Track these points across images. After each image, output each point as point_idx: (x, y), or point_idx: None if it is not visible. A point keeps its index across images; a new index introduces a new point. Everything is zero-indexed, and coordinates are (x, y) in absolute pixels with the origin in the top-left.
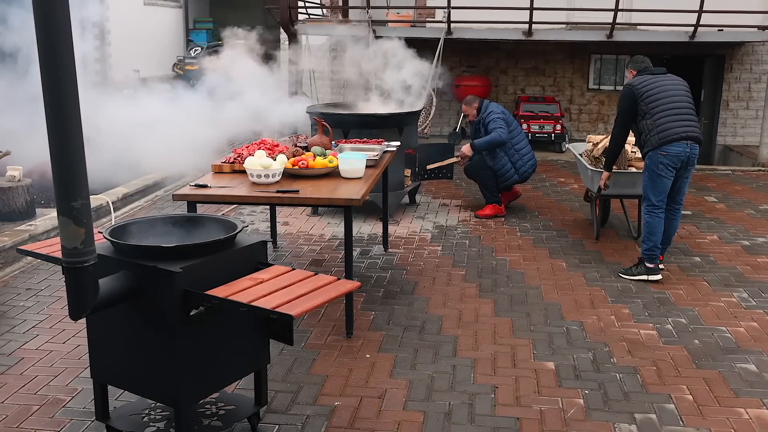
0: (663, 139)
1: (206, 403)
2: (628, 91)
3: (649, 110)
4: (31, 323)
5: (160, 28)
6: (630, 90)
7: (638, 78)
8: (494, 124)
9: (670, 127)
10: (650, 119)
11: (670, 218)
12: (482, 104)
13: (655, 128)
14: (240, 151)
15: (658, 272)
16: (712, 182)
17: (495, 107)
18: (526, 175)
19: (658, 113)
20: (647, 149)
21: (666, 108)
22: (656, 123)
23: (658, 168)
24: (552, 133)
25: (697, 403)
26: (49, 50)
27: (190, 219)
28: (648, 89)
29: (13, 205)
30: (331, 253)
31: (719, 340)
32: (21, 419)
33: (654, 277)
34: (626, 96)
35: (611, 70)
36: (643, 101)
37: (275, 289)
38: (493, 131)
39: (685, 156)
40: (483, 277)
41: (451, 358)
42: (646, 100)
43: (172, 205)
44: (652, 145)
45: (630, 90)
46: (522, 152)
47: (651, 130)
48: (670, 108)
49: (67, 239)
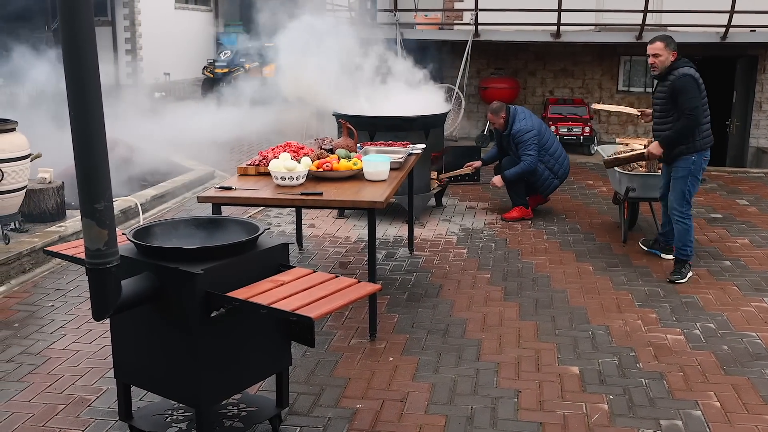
0: (707, 144)
1: (228, 405)
2: (692, 82)
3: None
4: (59, 323)
5: (190, 31)
6: (695, 81)
7: (693, 69)
8: (526, 148)
9: (709, 131)
10: (702, 122)
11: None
12: (510, 114)
13: (702, 131)
14: (265, 153)
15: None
16: (744, 185)
17: (525, 120)
18: (564, 176)
19: (706, 116)
20: (689, 152)
21: (707, 111)
22: (703, 125)
23: (700, 173)
24: (581, 136)
25: (725, 410)
26: (73, 54)
27: (213, 221)
28: (702, 86)
29: (43, 206)
30: (356, 255)
31: (749, 346)
32: (47, 418)
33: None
34: (693, 86)
35: (641, 72)
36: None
37: (296, 291)
38: (524, 157)
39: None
40: (508, 280)
41: (474, 361)
42: (703, 99)
43: (200, 207)
44: (696, 148)
45: (695, 81)
46: (556, 155)
47: (700, 131)
48: (708, 111)
49: (90, 241)
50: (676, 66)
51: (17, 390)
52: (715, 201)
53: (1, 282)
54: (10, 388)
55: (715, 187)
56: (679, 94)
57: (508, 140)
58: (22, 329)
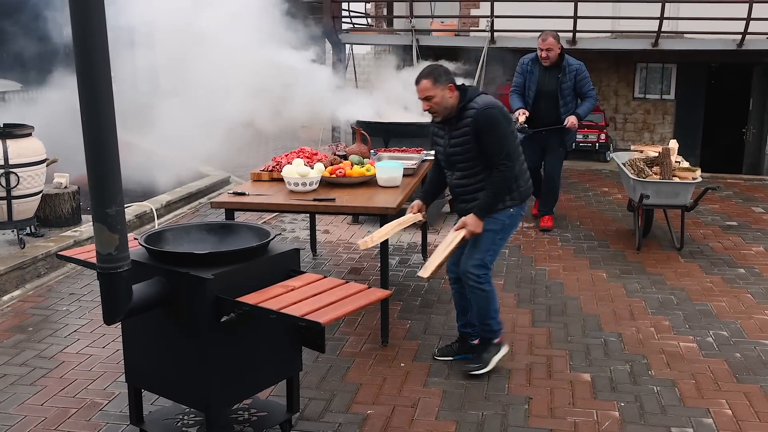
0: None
1: (239, 409)
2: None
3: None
4: (72, 327)
5: None
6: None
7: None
8: (589, 84)
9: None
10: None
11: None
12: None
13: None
14: (279, 159)
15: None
16: (760, 193)
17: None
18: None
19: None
20: (512, 203)
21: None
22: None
23: (513, 230)
24: (596, 143)
25: (737, 418)
26: (85, 59)
27: (225, 226)
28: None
29: (59, 211)
30: (370, 261)
31: (761, 354)
32: (59, 422)
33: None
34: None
35: (657, 79)
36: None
37: (306, 296)
38: (591, 92)
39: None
40: (521, 287)
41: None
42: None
43: (215, 212)
44: (521, 197)
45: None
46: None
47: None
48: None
49: (101, 245)
50: (472, 97)
51: (30, 393)
52: (731, 208)
53: (17, 286)
54: (23, 392)
55: (730, 195)
56: (484, 133)
57: (553, 78)
58: (36, 333)
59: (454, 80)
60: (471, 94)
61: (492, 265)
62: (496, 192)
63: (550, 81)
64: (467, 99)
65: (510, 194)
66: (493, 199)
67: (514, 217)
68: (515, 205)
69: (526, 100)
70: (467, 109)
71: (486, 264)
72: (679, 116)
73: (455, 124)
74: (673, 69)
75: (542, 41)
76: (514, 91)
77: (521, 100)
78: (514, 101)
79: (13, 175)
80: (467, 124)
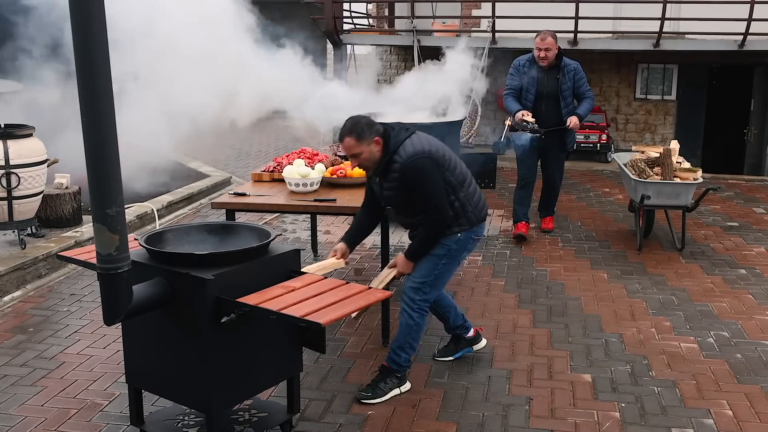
0: (483, 215)
1: (239, 410)
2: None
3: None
4: (73, 328)
5: None
6: (432, 160)
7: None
8: (586, 85)
9: (481, 196)
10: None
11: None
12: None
13: (471, 199)
14: (280, 159)
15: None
16: (761, 193)
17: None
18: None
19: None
20: (459, 229)
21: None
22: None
23: (462, 255)
24: (597, 143)
25: (737, 419)
26: (85, 59)
27: (225, 227)
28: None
29: (60, 212)
30: (371, 262)
31: (762, 355)
32: (59, 422)
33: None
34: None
35: (658, 80)
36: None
37: (306, 297)
38: (588, 93)
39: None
40: (522, 287)
41: (486, 368)
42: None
43: (217, 213)
44: (469, 222)
45: (432, 160)
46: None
47: (465, 205)
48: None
49: (101, 246)
50: (396, 146)
51: (30, 394)
52: (732, 209)
53: (18, 286)
54: (24, 392)
55: (732, 195)
56: (412, 188)
57: (552, 79)
58: (37, 333)
59: (380, 129)
60: (394, 143)
61: (432, 292)
62: (425, 241)
63: (550, 82)
64: (391, 151)
65: (457, 221)
66: (424, 247)
67: (462, 242)
68: (464, 231)
69: (524, 103)
70: (392, 162)
71: (424, 288)
72: (680, 117)
73: (385, 175)
74: (674, 70)
75: (541, 41)
76: (509, 94)
77: (518, 102)
78: (510, 104)
79: (14, 175)
80: (395, 179)
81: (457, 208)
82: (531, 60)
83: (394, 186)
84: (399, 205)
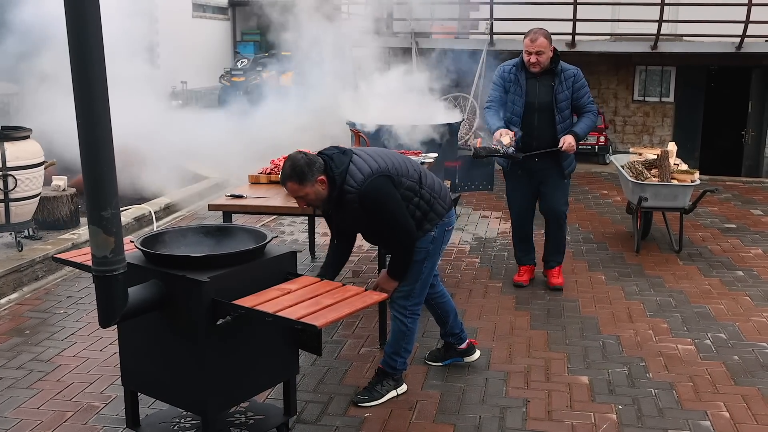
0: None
1: (236, 413)
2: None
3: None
4: (70, 330)
5: (208, 40)
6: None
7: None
8: (588, 96)
9: (446, 190)
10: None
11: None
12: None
13: (435, 194)
14: (277, 161)
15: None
16: (758, 195)
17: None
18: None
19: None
20: (431, 226)
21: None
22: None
23: (441, 249)
24: (595, 145)
25: (734, 421)
26: (80, 61)
27: (221, 229)
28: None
29: (57, 214)
30: (368, 264)
31: (759, 357)
32: (55, 425)
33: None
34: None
35: (656, 82)
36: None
37: (302, 299)
38: (590, 106)
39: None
40: (519, 289)
41: (483, 370)
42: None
43: (214, 215)
44: (438, 216)
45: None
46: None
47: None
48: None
49: (97, 248)
50: (342, 178)
51: (26, 397)
52: (729, 211)
53: (14, 289)
54: (20, 395)
55: (729, 197)
56: (373, 216)
57: (546, 87)
58: (33, 336)
59: (321, 166)
60: (339, 174)
61: (422, 293)
62: (402, 260)
63: (543, 91)
64: (338, 184)
65: (426, 217)
66: (403, 265)
67: (438, 239)
68: (436, 226)
69: (509, 116)
70: (345, 192)
71: (413, 294)
72: (678, 119)
73: (339, 207)
74: (672, 71)
75: (530, 42)
76: (490, 107)
77: (500, 117)
78: (490, 119)
79: (11, 177)
80: (354, 209)
81: (423, 206)
82: (519, 65)
83: (355, 215)
84: (364, 230)
